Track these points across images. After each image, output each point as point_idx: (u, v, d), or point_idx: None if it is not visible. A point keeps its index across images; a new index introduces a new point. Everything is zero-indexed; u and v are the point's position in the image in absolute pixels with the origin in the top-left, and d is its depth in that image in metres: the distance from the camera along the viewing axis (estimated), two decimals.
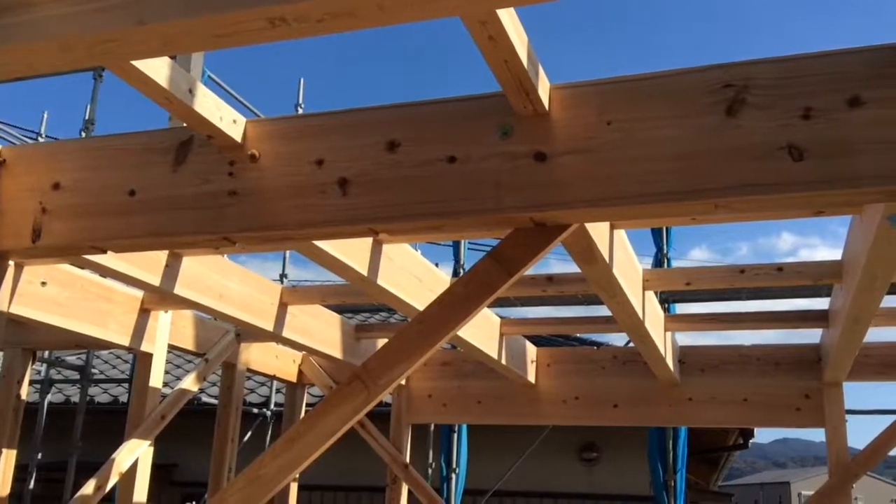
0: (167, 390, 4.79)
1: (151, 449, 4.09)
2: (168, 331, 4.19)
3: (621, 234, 3.07)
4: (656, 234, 7.31)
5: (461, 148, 2.19)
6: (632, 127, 2.06)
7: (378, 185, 2.22)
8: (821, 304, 4.24)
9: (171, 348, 4.32)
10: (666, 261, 7.25)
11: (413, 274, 3.34)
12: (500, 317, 4.58)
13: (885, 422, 4.86)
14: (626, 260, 3.20)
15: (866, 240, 2.60)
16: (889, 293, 3.01)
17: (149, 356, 4.09)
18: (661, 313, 4.23)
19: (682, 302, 8.00)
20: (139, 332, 3.99)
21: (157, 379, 4.13)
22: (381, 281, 3.05)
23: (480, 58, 1.87)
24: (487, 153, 2.17)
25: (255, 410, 9.71)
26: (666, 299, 6.51)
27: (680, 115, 2.03)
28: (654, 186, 2.02)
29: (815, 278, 3.52)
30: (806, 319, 4.26)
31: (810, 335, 4.76)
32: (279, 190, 2.29)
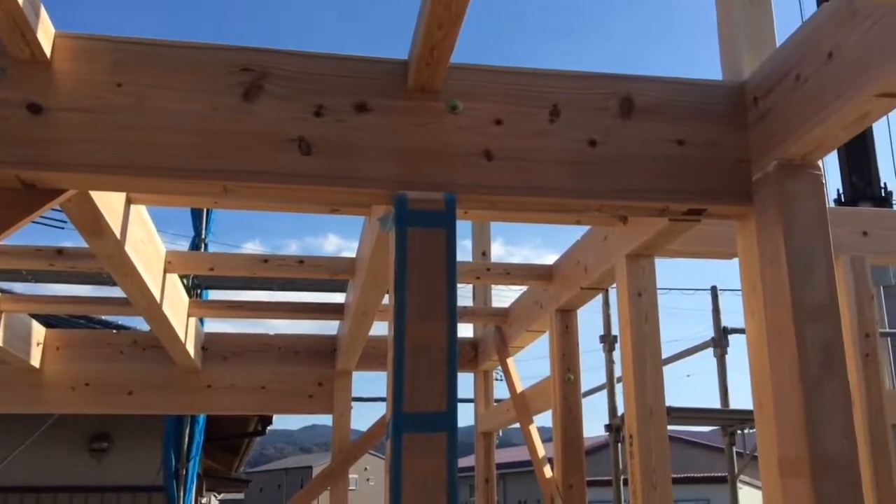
0: None
1: None
2: None
3: (141, 210, 2.90)
4: (195, 217, 7.15)
5: None
6: (145, 93, 1.93)
7: None
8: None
9: None
10: (204, 246, 7.14)
11: None
12: (4, 291, 4.02)
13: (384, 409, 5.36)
14: (146, 239, 3.03)
15: (372, 239, 2.82)
16: None
17: None
18: (185, 298, 4.11)
19: (220, 289, 7.97)
20: None
21: None
22: None
23: None
24: None
25: None
26: (199, 285, 6.40)
27: (197, 90, 1.96)
28: (162, 160, 1.91)
29: (331, 273, 3.73)
30: (324, 311, 4.51)
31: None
32: None
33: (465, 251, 5.12)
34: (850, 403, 1.90)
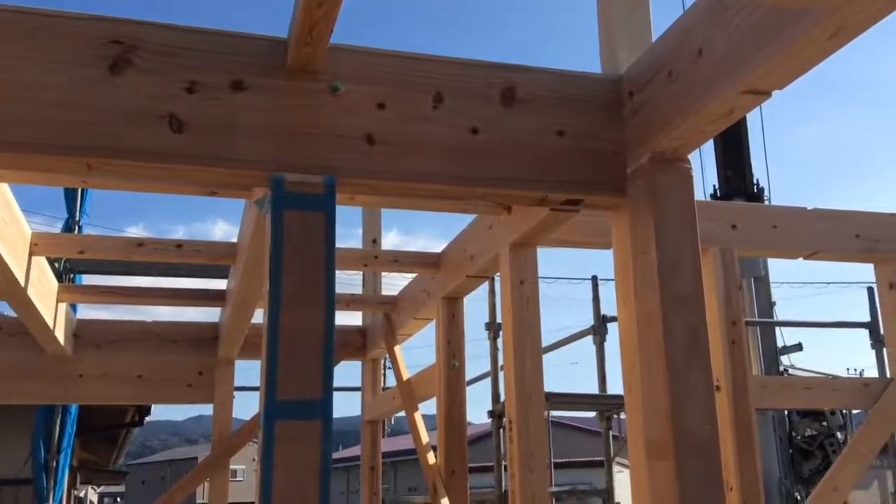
0: None
1: None
2: None
3: (2, 189, 2.72)
4: (69, 198, 6.77)
5: None
6: (2, 64, 1.80)
7: None
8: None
9: None
10: (77, 228, 6.78)
11: None
12: None
13: None
14: (8, 219, 2.85)
15: (251, 223, 2.74)
16: None
17: None
18: (54, 282, 3.90)
19: (97, 274, 7.61)
20: None
21: None
22: None
23: None
24: None
25: None
26: (72, 269, 6.09)
27: (60, 61, 1.85)
28: (21, 134, 1.80)
29: (211, 258, 3.62)
30: (205, 298, 4.38)
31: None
32: None
33: (357, 239, 5.08)
34: (713, 389, 1.99)
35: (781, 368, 10.33)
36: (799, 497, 9.51)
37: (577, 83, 2.24)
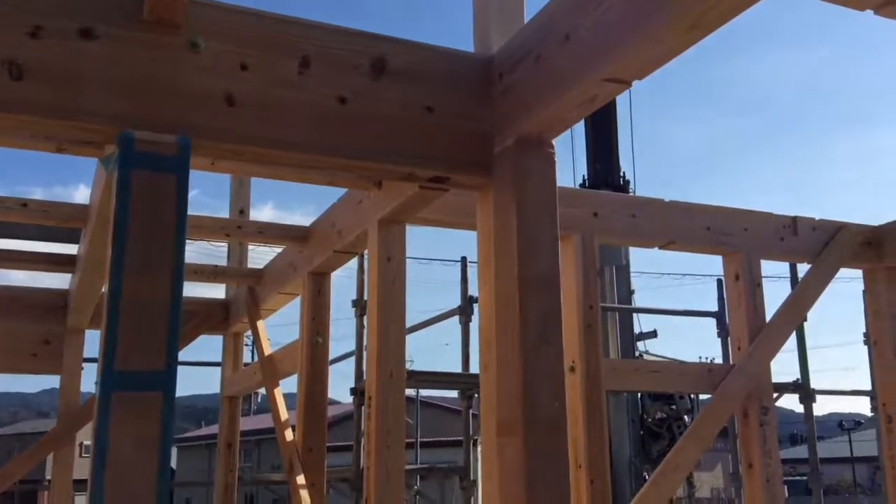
0: None
1: None
2: None
3: None
4: None
5: None
6: None
7: None
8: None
9: None
10: None
11: None
12: None
13: None
14: None
15: (101, 184, 2.59)
16: None
17: None
18: None
19: None
20: None
21: None
22: None
23: None
24: None
25: None
26: None
27: None
28: None
29: (61, 219, 3.40)
30: (55, 262, 4.13)
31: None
32: None
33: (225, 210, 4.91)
34: (563, 369, 2.04)
35: (637, 353, 10.83)
36: (647, 476, 10.03)
37: (449, 60, 2.22)
